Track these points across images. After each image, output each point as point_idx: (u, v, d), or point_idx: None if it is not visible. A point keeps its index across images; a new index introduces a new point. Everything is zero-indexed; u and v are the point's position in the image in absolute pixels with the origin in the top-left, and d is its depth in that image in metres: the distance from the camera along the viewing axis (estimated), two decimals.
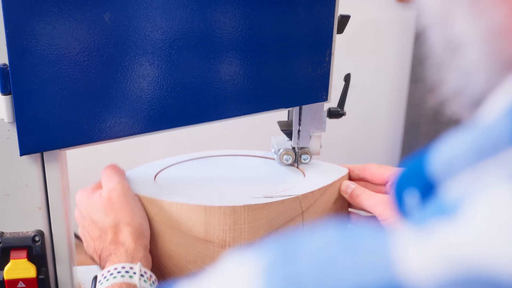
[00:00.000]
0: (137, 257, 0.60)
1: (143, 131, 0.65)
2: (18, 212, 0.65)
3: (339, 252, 0.23)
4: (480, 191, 0.21)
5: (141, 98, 0.63)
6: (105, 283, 0.57)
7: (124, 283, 0.57)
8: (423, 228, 0.22)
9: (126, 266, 0.58)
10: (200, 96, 0.65)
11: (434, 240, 0.21)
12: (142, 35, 0.61)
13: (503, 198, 0.21)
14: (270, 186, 0.70)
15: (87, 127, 0.62)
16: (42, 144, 0.61)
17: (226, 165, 0.78)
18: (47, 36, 0.57)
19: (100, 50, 0.60)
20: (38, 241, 0.65)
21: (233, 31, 0.64)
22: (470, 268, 0.20)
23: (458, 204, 0.22)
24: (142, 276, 0.58)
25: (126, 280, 0.57)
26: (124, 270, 0.58)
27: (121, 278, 0.57)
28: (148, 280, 0.59)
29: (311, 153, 0.78)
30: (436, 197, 0.25)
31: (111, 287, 0.57)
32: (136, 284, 0.57)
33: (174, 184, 0.70)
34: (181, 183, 0.70)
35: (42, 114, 0.60)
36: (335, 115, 0.78)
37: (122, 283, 0.57)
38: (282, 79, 0.68)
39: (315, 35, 0.66)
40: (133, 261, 0.59)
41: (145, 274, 0.59)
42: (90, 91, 0.61)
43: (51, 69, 0.59)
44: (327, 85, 0.70)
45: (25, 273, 0.64)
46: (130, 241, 0.60)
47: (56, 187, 0.65)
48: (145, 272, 0.59)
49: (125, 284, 0.57)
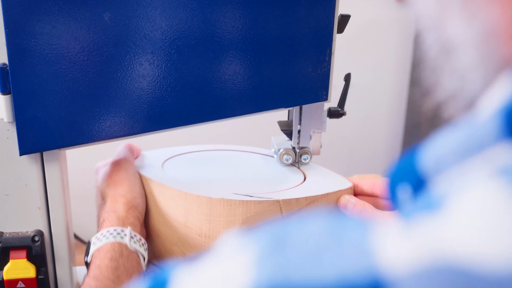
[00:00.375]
0: (127, 223, 0.65)
1: (143, 131, 0.65)
2: (18, 212, 0.65)
3: (326, 241, 0.23)
4: (464, 187, 0.22)
5: (141, 98, 0.63)
6: (98, 243, 0.62)
7: (116, 243, 0.62)
8: (408, 221, 0.23)
9: (118, 229, 0.64)
10: (200, 96, 0.65)
11: (417, 232, 0.22)
12: (142, 34, 0.61)
13: (484, 195, 0.21)
14: (264, 185, 0.70)
15: (87, 127, 0.62)
16: (41, 144, 0.61)
17: (234, 161, 0.80)
18: (47, 36, 0.57)
19: (100, 50, 0.60)
20: (37, 241, 0.65)
21: (233, 30, 0.63)
22: (446, 258, 0.21)
23: (444, 199, 0.22)
24: (132, 238, 0.63)
25: (117, 240, 0.62)
26: (116, 232, 0.63)
27: (113, 239, 0.62)
28: (138, 242, 0.64)
29: (311, 153, 0.78)
30: (425, 192, 0.25)
31: (104, 246, 0.61)
32: (126, 243, 0.62)
33: (176, 170, 0.75)
34: (183, 170, 0.75)
35: (42, 114, 0.60)
36: (335, 115, 0.78)
37: (114, 242, 0.62)
38: (282, 79, 0.67)
39: (315, 34, 0.66)
40: (123, 225, 0.64)
41: (135, 237, 0.64)
42: (90, 90, 0.61)
43: (51, 68, 0.58)
44: (327, 84, 0.70)
45: (24, 273, 0.64)
46: (122, 209, 0.66)
47: (56, 187, 0.65)
48: (135, 235, 0.64)
49: (117, 243, 0.62)
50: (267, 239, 0.25)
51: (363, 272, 0.22)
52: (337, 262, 0.22)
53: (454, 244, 0.21)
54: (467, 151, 0.25)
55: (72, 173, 0.73)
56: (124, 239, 0.62)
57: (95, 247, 0.62)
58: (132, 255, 0.62)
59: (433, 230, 0.21)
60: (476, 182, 0.22)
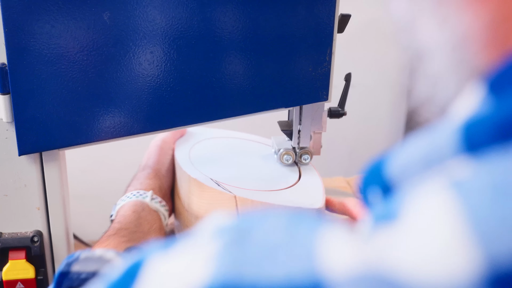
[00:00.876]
0: (149, 188, 0.71)
1: (143, 131, 0.65)
2: (17, 213, 0.65)
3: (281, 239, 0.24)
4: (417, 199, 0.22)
5: (140, 98, 0.63)
6: (122, 203, 0.69)
7: (138, 201, 0.68)
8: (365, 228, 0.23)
9: (140, 191, 0.70)
10: (199, 95, 0.65)
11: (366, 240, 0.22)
12: (141, 34, 0.60)
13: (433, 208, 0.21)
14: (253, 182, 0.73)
15: (86, 127, 0.62)
16: (41, 144, 0.61)
17: (253, 151, 0.85)
18: (46, 35, 0.57)
19: (99, 49, 0.59)
20: (36, 241, 0.65)
21: (233, 30, 0.63)
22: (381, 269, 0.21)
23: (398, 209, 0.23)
24: (153, 199, 0.69)
25: (139, 199, 0.69)
26: (139, 194, 0.70)
27: (135, 198, 0.69)
28: (159, 203, 0.70)
29: (312, 153, 0.78)
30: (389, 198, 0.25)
31: (127, 204, 0.68)
32: (148, 203, 0.68)
33: (198, 153, 0.82)
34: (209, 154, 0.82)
35: (41, 114, 0.60)
36: (335, 115, 0.77)
37: (137, 200, 0.68)
38: (282, 79, 0.67)
39: (315, 34, 0.66)
40: (146, 189, 0.71)
41: (156, 198, 0.70)
42: (89, 90, 0.61)
43: (50, 68, 0.58)
44: (327, 84, 0.69)
45: (23, 274, 0.64)
46: (145, 177, 0.74)
47: (55, 187, 0.65)
48: (156, 197, 0.70)
49: (139, 201, 0.68)
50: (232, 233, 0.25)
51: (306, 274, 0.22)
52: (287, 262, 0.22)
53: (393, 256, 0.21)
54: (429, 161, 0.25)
55: (71, 173, 0.73)
56: (146, 199, 0.69)
57: (119, 206, 0.68)
58: (153, 211, 0.68)
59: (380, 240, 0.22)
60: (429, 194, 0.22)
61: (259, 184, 0.73)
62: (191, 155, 0.80)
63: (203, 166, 0.76)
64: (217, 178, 0.72)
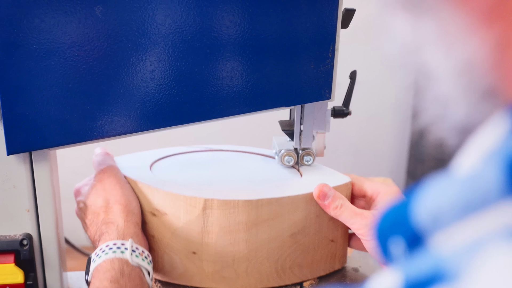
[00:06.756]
0: (128, 234, 0.62)
1: (137, 130, 0.63)
2: (5, 215, 0.63)
3: None
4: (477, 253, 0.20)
5: (134, 96, 0.61)
6: (98, 260, 0.59)
7: (116, 258, 0.58)
8: None
9: (118, 242, 0.60)
10: (196, 93, 0.63)
11: None
12: (135, 29, 0.58)
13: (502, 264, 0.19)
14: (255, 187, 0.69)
15: (77, 126, 0.60)
16: (30, 143, 0.59)
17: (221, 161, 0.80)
18: (35, 30, 0.55)
19: (91, 45, 0.58)
20: (26, 245, 0.63)
21: (232, 25, 0.61)
22: None
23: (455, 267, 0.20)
24: (133, 252, 0.60)
25: (117, 256, 0.59)
26: (116, 247, 0.60)
27: (113, 254, 0.59)
28: (140, 255, 0.60)
29: (314, 155, 0.75)
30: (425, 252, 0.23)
31: (104, 263, 0.58)
32: (128, 259, 0.59)
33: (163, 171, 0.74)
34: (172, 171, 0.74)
35: (30, 112, 0.58)
36: (339, 114, 0.74)
37: (114, 258, 0.58)
38: (283, 76, 0.65)
39: (318, 29, 0.64)
40: (124, 238, 0.61)
41: (137, 250, 0.60)
42: (81, 87, 0.59)
43: (39, 64, 0.57)
44: (330, 82, 0.66)
45: (12, 278, 0.62)
46: (120, 218, 0.63)
47: (45, 188, 0.63)
48: (136, 248, 0.61)
49: (117, 259, 0.58)
50: None
51: None
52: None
53: None
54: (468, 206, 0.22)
55: (62, 174, 0.71)
56: (125, 253, 0.59)
57: (95, 265, 0.59)
58: (134, 271, 0.59)
59: None
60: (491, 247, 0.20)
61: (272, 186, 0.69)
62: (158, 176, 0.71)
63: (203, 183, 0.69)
64: (228, 190, 0.66)
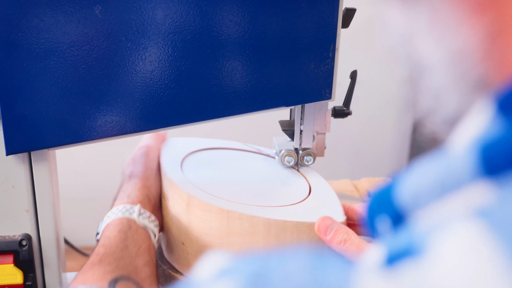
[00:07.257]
0: (136, 201, 0.66)
1: (137, 130, 0.63)
2: (4, 215, 0.63)
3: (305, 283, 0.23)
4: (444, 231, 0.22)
5: (134, 95, 0.61)
6: (107, 220, 0.64)
7: (124, 218, 0.63)
8: (390, 264, 0.22)
9: (127, 206, 0.65)
10: (196, 93, 0.62)
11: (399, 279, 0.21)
12: (135, 28, 0.58)
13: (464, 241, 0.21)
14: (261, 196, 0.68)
15: (77, 126, 0.60)
16: (29, 143, 0.59)
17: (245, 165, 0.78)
18: (34, 29, 0.55)
19: (91, 45, 0.57)
20: (25, 245, 0.62)
21: (232, 24, 0.61)
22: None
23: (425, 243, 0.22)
24: (141, 214, 0.64)
25: (126, 215, 0.64)
26: (125, 209, 0.65)
27: (122, 215, 0.64)
28: (147, 218, 0.65)
29: (315, 155, 0.75)
30: (405, 229, 0.24)
31: (113, 222, 0.63)
32: (135, 219, 0.63)
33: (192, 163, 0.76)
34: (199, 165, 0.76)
35: (29, 112, 0.58)
36: (340, 114, 0.74)
37: (123, 217, 0.63)
38: (283, 76, 0.65)
39: (318, 29, 0.63)
40: (133, 203, 0.66)
41: (144, 213, 0.65)
42: (80, 87, 0.59)
43: (38, 64, 0.56)
44: (331, 82, 0.66)
45: (11, 279, 0.62)
46: (133, 188, 0.69)
47: (45, 188, 0.63)
48: (144, 211, 0.65)
49: (125, 219, 0.63)
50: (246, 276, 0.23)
51: None
52: None
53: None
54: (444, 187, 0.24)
55: (62, 174, 0.71)
56: (133, 215, 0.64)
57: (105, 224, 0.64)
58: (140, 229, 0.63)
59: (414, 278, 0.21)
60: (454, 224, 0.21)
61: (268, 200, 0.68)
62: (185, 169, 0.73)
63: (201, 182, 0.69)
64: (220, 194, 0.66)
